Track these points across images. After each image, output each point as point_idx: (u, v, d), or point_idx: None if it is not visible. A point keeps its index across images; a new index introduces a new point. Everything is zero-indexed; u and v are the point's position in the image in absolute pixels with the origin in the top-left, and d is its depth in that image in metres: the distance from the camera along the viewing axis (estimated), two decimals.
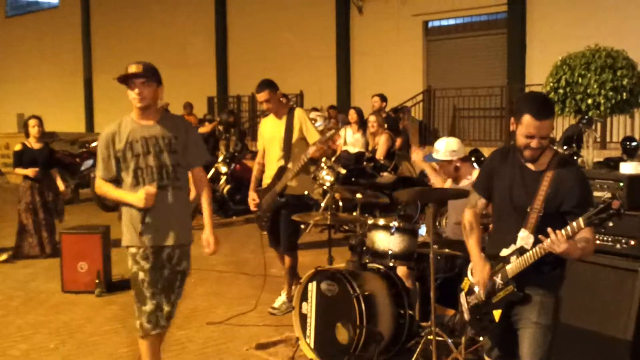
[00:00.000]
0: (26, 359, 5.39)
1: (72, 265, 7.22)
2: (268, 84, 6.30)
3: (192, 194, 4.58)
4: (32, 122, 8.94)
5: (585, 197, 3.36)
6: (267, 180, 6.43)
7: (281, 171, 6.26)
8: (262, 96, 6.29)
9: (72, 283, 7.23)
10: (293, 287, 6.30)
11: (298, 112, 6.44)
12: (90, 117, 26.09)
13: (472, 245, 3.75)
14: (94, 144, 14.19)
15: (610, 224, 3.07)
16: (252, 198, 6.43)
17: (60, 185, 9.12)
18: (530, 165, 3.51)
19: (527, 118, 3.37)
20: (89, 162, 13.11)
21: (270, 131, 6.43)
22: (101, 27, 25.45)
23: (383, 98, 12.05)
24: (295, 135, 6.28)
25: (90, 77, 26.13)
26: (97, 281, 7.13)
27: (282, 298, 6.56)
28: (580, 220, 3.12)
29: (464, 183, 5.45)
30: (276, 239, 6.52)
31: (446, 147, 5.50)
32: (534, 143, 3.38)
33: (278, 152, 6.30)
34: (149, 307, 4.28)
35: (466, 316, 3.81)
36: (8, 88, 28.35)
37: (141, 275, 4.25)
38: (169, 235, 4.30)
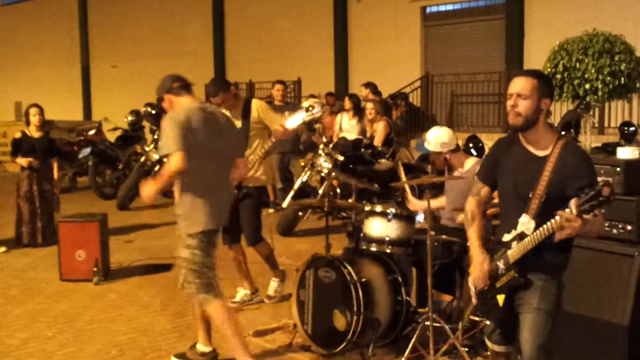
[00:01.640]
0: (25, 348, 5.39)
1: (70, 254, 7.21)
2: (221, 88, 6.11)
3: None
4: (33, 110, 8.92)
5: (589, 181, 3.29)
6: None
7: None
8: (216, 100, 6.04)
9: (70, 271, 7.22)
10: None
11: (255, 103, 6.30)
12: (88, 105, 26.02)
13: (472, 235, 3.74)
14: (91, 132, 14.17)
15: (602, 210, 3.04)
16: None
17: (55, 175, 9.09)
18: (534, 151, 3.48)
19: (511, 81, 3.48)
20: (87, 150, 13.08)
21: None
22: (98, 14, 25.34)
23: (368, 85, 11.95)
24: (254, 126, 6.13)
25: (87, 65, 26.04)
26: (95, 269, 7.12)
27: (274, 285, 6.53)
28: (572, 207, 3.09)
29: (458, 172, 5.45)
30: (233, 236, 6.24)
31: (436, 139, 5.51)
32: (510, 101, 3.41)
33: None
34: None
35: (474, 300, 3.81)
36: (5, 76, 28.25)
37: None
38: None
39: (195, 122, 4.49)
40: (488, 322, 3.84)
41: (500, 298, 3.58)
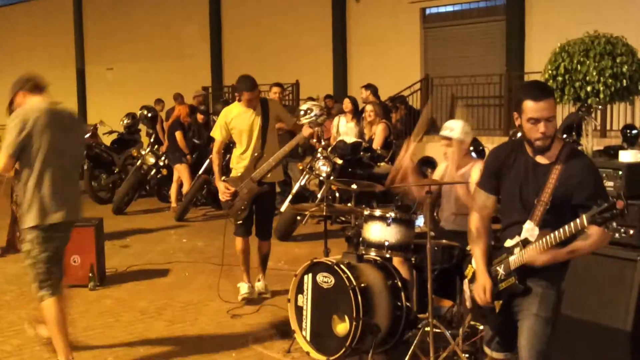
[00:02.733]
0: (19, 354, 5.32)
1: (65, 259, 7.08)
2: (256, 84, 6.45)
3: (186, 186, 4.71)
4: None
5: (596, 189, 3.30)
6: (239, 169, 6.45)
7: (257, 159, 6.35)
8: (255, 94, 6.39)
9: (65, 277, 7.12)
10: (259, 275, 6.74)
11: (272, 102, 6.69)
12: (83, 108, 25.90)
13: (478, 255, 3.65)
14: (86, 135, 14.07)
15: (615, 224, 3.02)
16: (226, 187, 6.37)
17: None
18: (539, 159, 3.45)
19: (527, 104, 3.35)
20: None
21: (245, 121, 6.42)
22: (94, 17, 25.26)
23: (368, 87, 11.89)
24: (272, 124, 6.47)
25: (82, 67, 25.96)
26: (90, 275, 7.04)
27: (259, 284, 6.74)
28: (584, 218, 3.08)
29: (460, 172, 5.37)
30: (248, 228, 6.55)
31: (463, 128, 5.40)
32: (541, 127, 3.33)
33: (254, 142, 6.38)
34: None
35: (468, 304, 3.76)
36: None
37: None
38: None
39: (41, 121, 4.67)
40: (480, 329, 3.78)
41: (497, 304, 3.55)
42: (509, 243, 3.49)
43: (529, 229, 3.39)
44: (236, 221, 6.50)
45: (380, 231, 5.09)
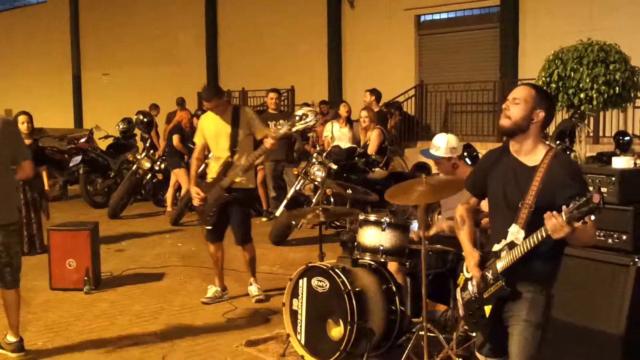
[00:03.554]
0: (14, 357, 5.30)
1: (61, 263, 7.14)
2: (215, 93, 6.52)
3: (184, 190, 4.72)
4: (21, 118, 8.84)
5: (577, 190, 3.29)
6: (212, 174, 6.53)
7: (227, 166, 6.39)
8: (210, 105, 6.49)
9: (60, 280, 7.15)
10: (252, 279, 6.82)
11: (245, 110, 6.73)
12: (79, 112, 25.92)
13: (464, 237, 3.75)
14: (82, 140, 14.09)
15: (593, 217, 3.01)
16: (197, 192, 6.45)
17: (45, 184, 9.01)
18: (524, 161, 3.47)
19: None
20: (78, 159, 12.99)
21: (215, 127, 6.51)
22: (90, 22, 25.27)
23: (373, 92, 12.00)
24: (243, 132, 6.45)
25: (79, 73, 25.95)
26: (85, 278, 7.05)
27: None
28: (563, 214, 3.07)
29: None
30: (218, 234, 6.65)
31: (447, 144, 5.41)
32: (504, 104, 3.46)
33: (225, 148, 6.43)
34: None
35: (461, 312, 3.79)
36: None
37: None
38: None
39: None
40: (474, 334, 3.80)
41: (487, 309, 3.54)
42: (496, 247, 3.50)
43: (514, 232, 3.39)
44: (206, 226, 6.61)
45: (375, 236, 5.12)
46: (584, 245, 3.52)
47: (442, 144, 5.41)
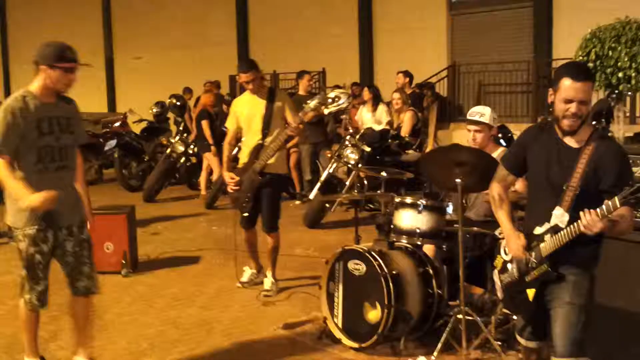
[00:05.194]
0: (55, 340, 5.41)
1: (99, 246, 7.16)
2: (252, 65, 6.39)
3: (215, 174, 4.64)
4: None
5: (623, 175, 3.26)
6: (243, 159, 6.42)
7: (258, 149, 6.26)
8: (247, 77, 6.30)
9: (98, 264, 7.07)
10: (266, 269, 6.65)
11: (281, 93, 6.64)
12: (112, 96, 26.11)
13: (503, 216, 3.68)
14: (116, 124, 14.21)
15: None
16: (231, 177, 6.35)
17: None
18: (568, 142, 3.41)
19: (565, 82, 3.32)
20: (112, 143, 13.13)
21: (249, 109, 6.39)
22: (122, 6, 25.38)
23: (407, 74, 11.95)
24: (277, 115, 6.30)
25: (111, 56, 26.13)
26: (123, 261, 7.13)
27: (268, 278, 6.60)
28: (616, 199, 3.05)
29: None
30: (251, 220, 6.51)
31: (491, 113, 5.32)
32: (572, 107, 3.31)
33: (257, 130, 6.30)
34: (41, 287, 4.44)
35: (499, 294, 3.76)
36: (28, 69, 28.28)
37: (38, 257, 4.35)
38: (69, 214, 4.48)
39: None
40: (513, 317, 3.77)
41: (530, 292, 3.52)
42: (538, 230, 3.47)
43: (559, 215, 3.36)
44: (242, 213, 6.50)
45: (411, 218, 5.11)
46: (622, 234, 3.48)
47: (487, 112, 5.33)
